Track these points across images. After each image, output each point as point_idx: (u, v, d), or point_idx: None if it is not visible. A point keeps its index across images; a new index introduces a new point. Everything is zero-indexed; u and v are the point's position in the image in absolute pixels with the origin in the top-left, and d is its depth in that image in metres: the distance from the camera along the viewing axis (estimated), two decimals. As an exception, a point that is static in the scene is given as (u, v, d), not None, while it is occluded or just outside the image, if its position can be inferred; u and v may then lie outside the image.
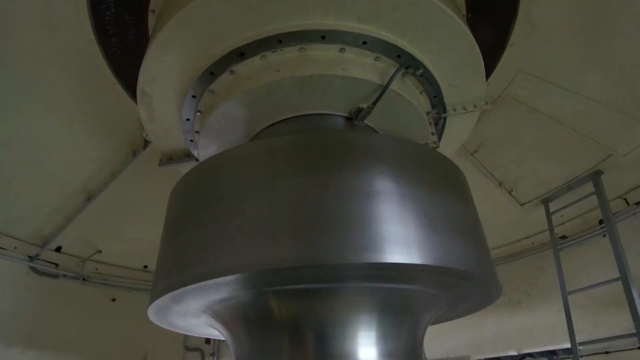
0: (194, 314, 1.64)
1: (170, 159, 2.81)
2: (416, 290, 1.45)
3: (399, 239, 1.25)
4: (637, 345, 6.52)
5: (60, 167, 3.62)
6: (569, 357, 5.44)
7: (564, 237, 4.13)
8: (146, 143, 3.58)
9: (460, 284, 1.48)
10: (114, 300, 4.71)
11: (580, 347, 3.03)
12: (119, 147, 3.64)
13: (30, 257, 4.01)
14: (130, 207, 4.25)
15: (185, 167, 2.30)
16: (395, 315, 1.46)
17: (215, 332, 1.81)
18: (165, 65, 2.08)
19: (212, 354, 5.15)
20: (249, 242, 1.28)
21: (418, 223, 1.33)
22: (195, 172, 1.69)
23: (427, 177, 1.52)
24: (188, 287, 1.31)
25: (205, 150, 2.30)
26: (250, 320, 1.49)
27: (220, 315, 1.55)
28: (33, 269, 4.09)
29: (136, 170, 3.76)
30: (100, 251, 4.52)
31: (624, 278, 2.77)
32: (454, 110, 2.45)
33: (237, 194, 1.41)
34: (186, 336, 5.06)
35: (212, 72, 2.04)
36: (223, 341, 5.29)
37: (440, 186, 1.53)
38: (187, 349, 5.03)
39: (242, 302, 1.45)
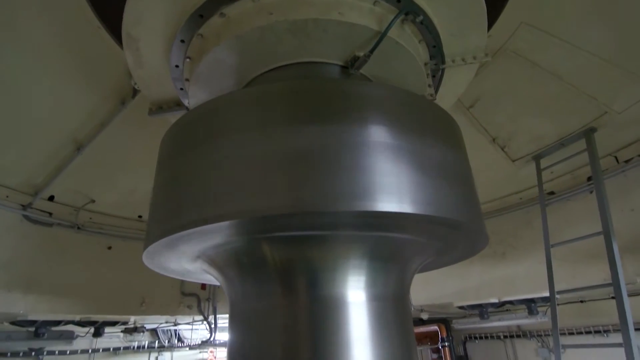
0: (189, 260, 1.68)
1: (160, 108, 2.74)
2: (406, 239, 1.49)
3: (391, 188, 1.26)
4: (611, 295, 6.94)
5: (47, 116, 3.53)
6: (547, 305, 5.79)
7: (551, 193, 4.23)
8: (135, 92, 3.47)
9: (449, 233, 1.52)
10: (109, 248, 4.80)
11: (558, 296, 3.20)
12: (107, 96, 3.53)
13: (23, 205, 4.03)
14: (122, 158, 4.21)
15: (176, 117, 2.24)
16: (384, 262, 1.51)
17: (210, 277, 1.87)
18: (150, 5, 1.97)
19: (208, 299, 5.37)
20: (241, 189, 1.28)
21: (411, 173, 1.33)
22: (186, 119, 1.65)
23: (422, 128, 1.50)
24: (181, 233, 1.32)
25: (195, 99, 2.24)
26: (244, 265, 1.53)
27: (214, 260, 1.59)
28: (27, 217, 4.11)
29: (126, 120, 3.67)
30: (93, 201, 4.54)
31: (607, 232, 2.87)
32: (453, 61, 2.38)
33: (228, 141, 1.39)
34: (182, 282, 5.24)
35: (201, 15, 1.93)
36: (218, 287, 5.51)
37: (435, 137, 1.52)
38: (184, 294, 5.23)
39: (236, 248, 1.48)
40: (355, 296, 1.42)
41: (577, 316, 7.56)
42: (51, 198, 4.31)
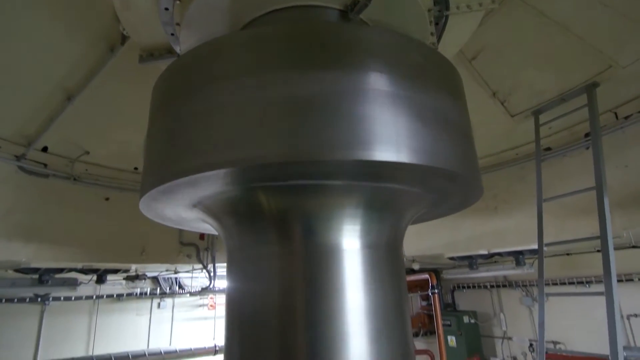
0: (185, 208, 1.70)
1: (150, 55, 2.63)
2: (401, 190, 1.50)
3: (389, 137, 1.25)
4: (596, 249, 7.19)
5: (33, 63, 3.40)
6: (534, 257, 6.02)
7: (548, 149, 4.23)
8: (124, 38, 3.32)
9: (445, 184, 1.53)
10: (107, 199, 4.84)
11: (545, 248, 3.31)
12: (95, 42, 3.38)
13: (16, 156, 4.00)
14: (115, 109, 4.12)
15: (168, 65, 2.16)
16: (379, 211, 1.53)
17: (208, 226, 1.90)
18: (136, -60, 1.82)
19: (207, 249, 5.52)
20: (235, 136, 1.26)
21: (409, 122, 1.31)
22: (177, 64, 1.59)
23: (423, 76, 1.45)
24: (175, 182, 1.32)
25: (187, 44, 2.14)
26: (240, 214, 1.55)
27: (210, 209, 1.61)
28: (22, 168, 4.10)
29: (117, 70, 3.55)
30: (87, 152, 4.50)
31: (599, 187, 2.91)
32: (458, 8, 2.26)
33: (222, 88, 1.35)
34: (181, 232, 5.36)
35: (191, -49, 1.80)
36: (216, 238, 5.64)
37: (435, 86, 1.48)
38: (183, 244, 5.36)
39: (231, 197, 1.49)
40: (350, 244, 1.45)
41: (562, 268, 7.90)
42: (45, 149, 4.27)
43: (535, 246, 3.55)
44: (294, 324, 1.38)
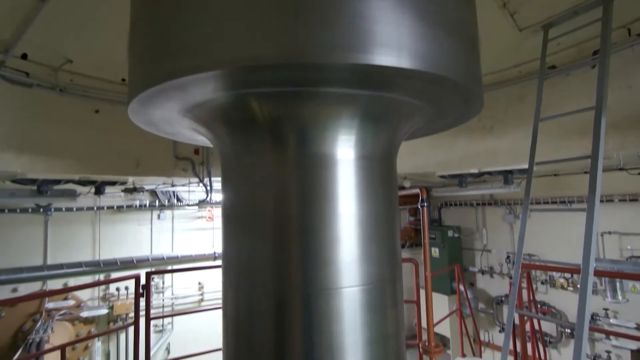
0: (177, 118, 1.65)
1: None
2: (400, 101, 1.46)
3: (390, 41, 1.17)
4: (584, 170, 7.36)
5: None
6: (522, 177, 6.19)
7: (552, 67, 4.09)
8: None
9: (446, 94, 1.49)
10: (97, 112, 4.72)
11: (535, 168, 3.37)
12: None
13: (-6, 63, 3.78)
14: (92, 11, 3.80)
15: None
16: (375, 122, 1.51)
17: (202, 137, 1.88)
18: None
19: (202, 163, 5.56)
20: (225, 36, 1.16)
21: (414, 24, 1.22)
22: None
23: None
24: (161, 86, 1.26)
25: None
26: (232, 122, 1.52)
27: (202, 119, 1.57)
28: (2, 77, 3.92)
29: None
30: (70, 61, 4.27)
31: (599, 107, 2.87)
32: None
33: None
34: (175, 146, 5.35)
35: None
36: (211, 152, 5.66)
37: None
38: (178, 158, 5.38)
39: (223, 104, 1.44)
40: (344, 154, 1.45)
41: (548, 189, 8.19)
42: (24, 57, 4.04)
43: (525, 166, 3.62)
44: (288, 229, 1.44)
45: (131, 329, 4.58)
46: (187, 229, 8.91)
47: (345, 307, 1.40)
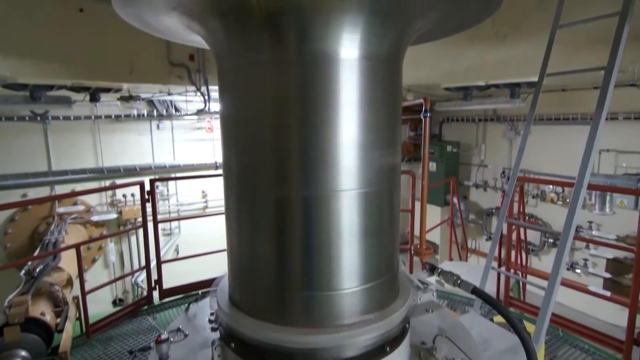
0: (165, 11, 1.51)
1: None
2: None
3: None
4: (594, 85, 7.13)
5: None
6: (530, 91, 6.00)
7: (580, -35, 3.68)
8: None
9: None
10: (81, 10, 4.38)
11: (545, 81, 3.23)
12: None
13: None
14: None
15: None
16: (382, 18, 1.38)
17: (196, 37, 1.75)
18: None
19: (198, 70, 5.34)
20: None
21: None
22: None
23: None
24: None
25: None
26: (226, 15, 1.39)
27: (193, 12, 1.44)
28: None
29: None
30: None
31: (624, 12, 2.64)
32: None
33: None
34: (169, 51, 5.09)
35: None
36: (207, 59, 5.40)
37: None
38: (172, 64, 5.14)
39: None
40: (348, 53, 1.36)
41: (554, 105, 8.01)
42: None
43: (535, 78, 3.47)
44: (287, 133, 1.43)
45: (141, 232, 4.85)
46: (187, 140, 8.92)
47: (343, 208, 1.45)
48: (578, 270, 8.13)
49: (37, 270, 4.39)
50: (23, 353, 3.25)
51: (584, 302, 6.99)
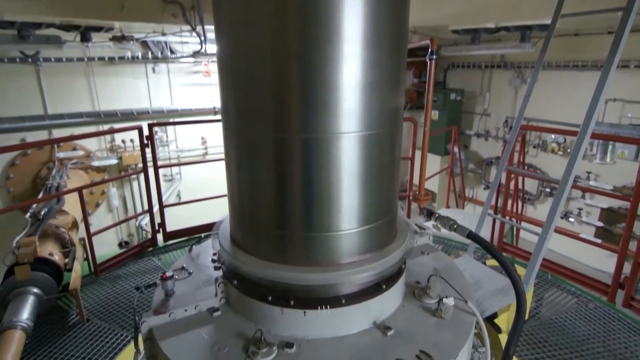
0: None
1: None
2: None
3: None
4: (608, 30, 6.81)
5: None
6: (540, 35, 5.73)
7: None
8: None
9: None
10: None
11: (559, 24, 3.07)
12: None
13: None
14: None
15: None
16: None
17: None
18: None
19: (192, 8, 5.05)
20: None
21: None
22: None
23: None
24: None
25: None
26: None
27: None
28: None
29: None
30: None
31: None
32: None
33: None
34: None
35: None
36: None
37: None
38: (165, 1, 4.84)
39: None
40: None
41: (564, 51, 7.70)
42: None
43: (548, 21, 3.29)
44: (287, 71, 1.37)
45: (143, 178, 4.88)
46: (184, 84, 8.69)
47: (344, 151, 1.43)
48: (572, 219, 8.32)
49: (42, 212, 4.47)
50: (35, 290, 3.40)
51: (575, 249, 7.23)
